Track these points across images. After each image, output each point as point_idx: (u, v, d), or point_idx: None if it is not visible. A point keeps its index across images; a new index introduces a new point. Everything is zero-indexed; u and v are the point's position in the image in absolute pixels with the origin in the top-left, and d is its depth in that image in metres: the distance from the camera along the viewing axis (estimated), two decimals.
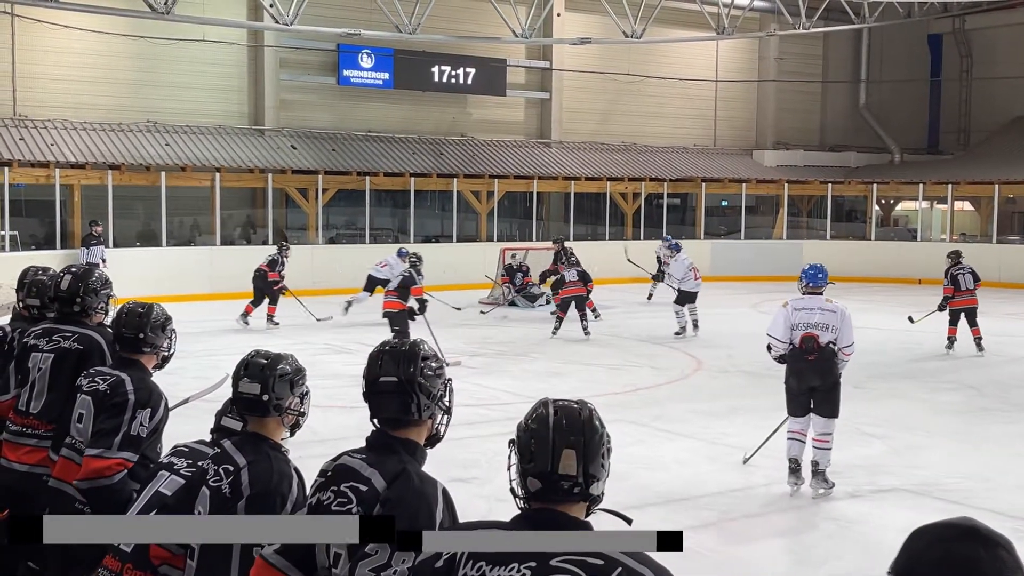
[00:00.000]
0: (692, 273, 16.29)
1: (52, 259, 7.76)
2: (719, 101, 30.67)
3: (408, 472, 2.73)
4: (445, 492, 2.73)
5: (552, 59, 27.51)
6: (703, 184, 27.80)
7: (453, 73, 25.71)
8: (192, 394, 5.15)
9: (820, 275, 7.79)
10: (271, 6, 19.75)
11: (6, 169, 19.31)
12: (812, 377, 7.55)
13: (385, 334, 15.73)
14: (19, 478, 4.44)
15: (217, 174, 21.59)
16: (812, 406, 7.61)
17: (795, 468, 7.58)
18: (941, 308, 14.88)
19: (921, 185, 27.78)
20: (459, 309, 17.90)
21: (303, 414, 3.40)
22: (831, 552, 6.55)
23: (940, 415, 10.54)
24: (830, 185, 28.30)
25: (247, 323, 16.35)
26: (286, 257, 16.82)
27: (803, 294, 7.76)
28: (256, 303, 16.51)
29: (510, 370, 13.10)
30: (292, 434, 3.42)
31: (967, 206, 30.36)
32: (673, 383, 12.33)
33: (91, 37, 21.26)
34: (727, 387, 12.13)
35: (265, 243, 22.18)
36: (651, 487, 7.67)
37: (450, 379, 2.96)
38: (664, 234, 22.75)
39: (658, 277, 19.61)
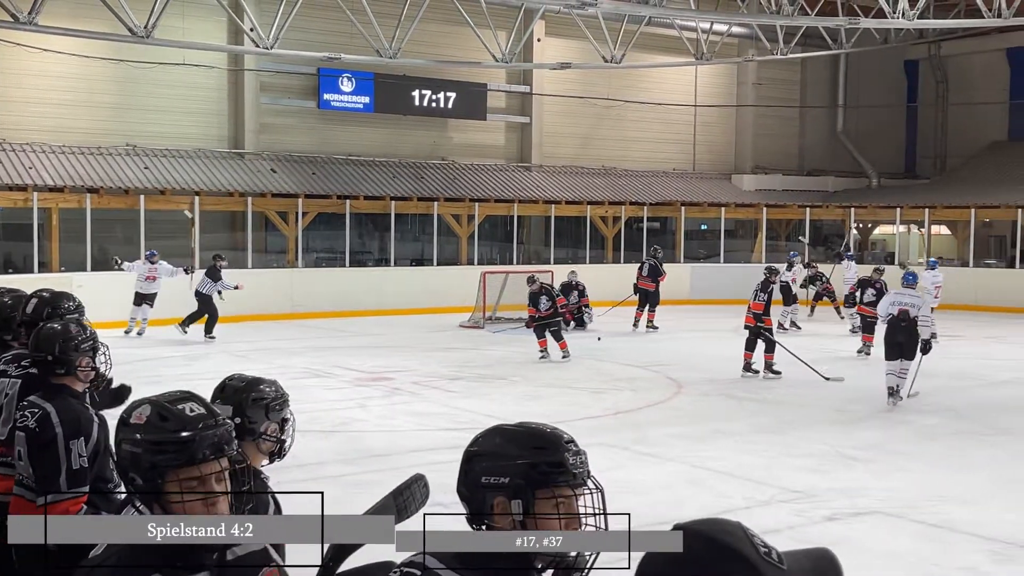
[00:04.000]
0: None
1: (30, 283, 7.69)
2: (698, 126, 30.82)
3: None
4: None
5: (532, 84, 27.62)
6: (683, 208, 27.90)
7: (434, 97, 25.76)
8: None
9: (911, 277, 13.00)
10: (251, 30, 19.76)
11: None
12: (903, 336, 12.00)
13: (365, 358, 15.77)
14: None
15: (196, 197, 21.51)
16: (900, 353, 11.99)
17: (892, 392, 12.03)
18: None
19: (898, 209, 28.00)
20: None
21: (283, 441, 3.30)
22: None
23: (921, 439, 10.58)
24: (808, 209, 28.49)
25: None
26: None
27: (903, 288, 12.59)
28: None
29: (491, 394, 13.06)
30: (271, 461, 3.31)
31: (944, 230, 30.55)
32: (654, 406, 12.32)
33: (71, 60, 21.19)
34: (708, 410, 12.14)
35: (244, 267, 22.16)
36: (632, 512, 7.61)
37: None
38: (790, 250, 23.46)
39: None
